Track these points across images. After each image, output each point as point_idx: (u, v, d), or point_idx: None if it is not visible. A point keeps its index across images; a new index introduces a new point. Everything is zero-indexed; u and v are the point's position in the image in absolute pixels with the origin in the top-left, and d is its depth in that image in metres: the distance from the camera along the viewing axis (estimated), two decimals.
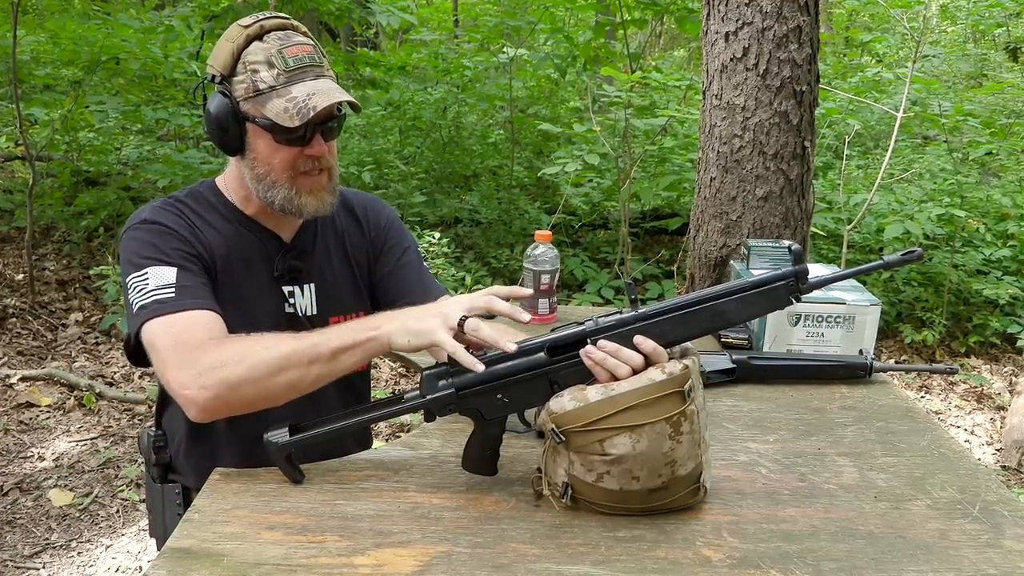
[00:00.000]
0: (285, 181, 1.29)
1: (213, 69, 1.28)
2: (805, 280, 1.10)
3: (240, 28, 1.27)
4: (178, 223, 1.30)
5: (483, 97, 5.83)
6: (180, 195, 1.38)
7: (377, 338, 1.15)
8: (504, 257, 4.92)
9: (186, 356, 1.14)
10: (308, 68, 1.26)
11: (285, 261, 1.39)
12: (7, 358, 3.80)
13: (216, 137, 1.30)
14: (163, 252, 1.25)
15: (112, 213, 5.08)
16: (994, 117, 5.69)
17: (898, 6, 4.84)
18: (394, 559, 1.01)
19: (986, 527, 1.12)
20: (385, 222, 1.53)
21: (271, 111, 1.24)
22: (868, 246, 4.83)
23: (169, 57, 4.59)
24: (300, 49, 1.26)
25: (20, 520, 2.66)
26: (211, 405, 1.14)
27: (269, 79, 1.24)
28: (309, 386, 1.16)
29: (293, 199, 1.30)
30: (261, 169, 1.29)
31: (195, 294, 1.22)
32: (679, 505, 1.12)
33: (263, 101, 1.24)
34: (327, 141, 1.30)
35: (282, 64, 1.24)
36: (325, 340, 1.15)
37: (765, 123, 2.26)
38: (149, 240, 1.26)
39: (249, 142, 1.29)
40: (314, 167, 1.30)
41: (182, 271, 1.24)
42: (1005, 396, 3.95)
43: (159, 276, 1.22)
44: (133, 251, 1.27)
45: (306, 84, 1.24)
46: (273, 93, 1.24)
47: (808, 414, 1.49)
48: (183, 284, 1.22)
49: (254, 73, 1.25)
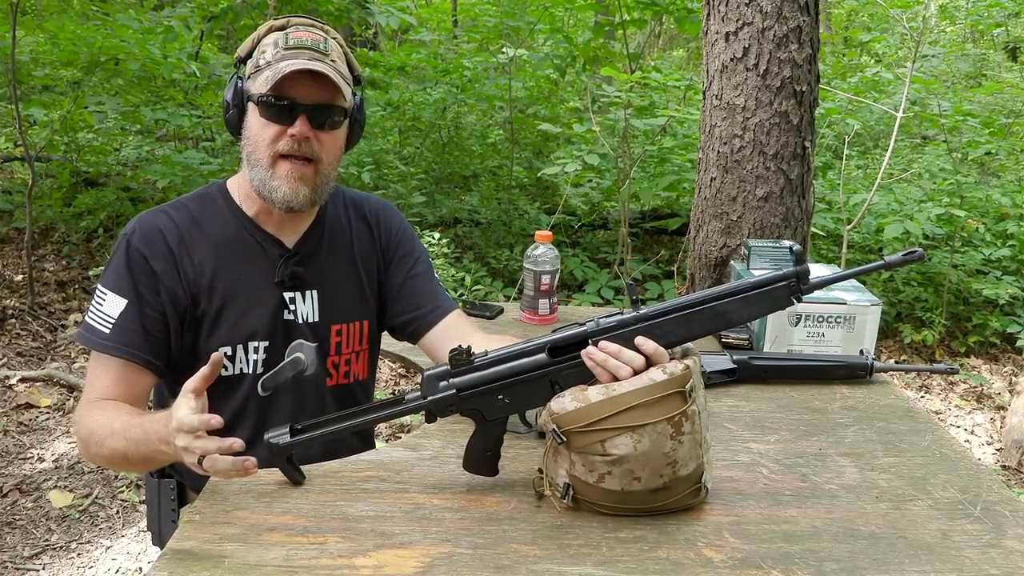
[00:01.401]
0: (266, 161, 1.30)
1: (238, 56, 1.34)
2: (806, 280, 1.10)
3: (270, 22, 1.34)
4: (157, 247, 1.32)
5: (482, 97, 5.82)
6: (187, 198, 1.39)
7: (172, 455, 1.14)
8: (504, 257, 4.92)
9: (80, 409, 1.29)
10: (305, 49, 1.28)
11: (287, 267, 1.38)
12: (6, 359, 3.80)
13: (224, 117, 1.35)
14: (126, 280, 1.31)
15: (111, 214, 5.07)
16: (993, 117, 5.69)
17: (897, 6, 4.85)
18: (395, 560, 1.01)
19: (987, 527, 1.12)
20: (397, 230, 1.52)
21: (257, 83, 1.28)
22: (868, 246, 4.83)
23: (168, 58, 4.58)
24: (306, 35, 1.29)
25: (20, 521, 2.66)
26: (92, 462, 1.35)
27: (268, 56, 1.28)
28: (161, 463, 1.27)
29: (267, 181, 1.30)
30: (250, 147, 1.31)
31: (124, 338, 1.29)
32: (680, 505, 1.12)
33: (256, 76, 1.28)
34: (319, 130, 1.29)
35: (283, 44, 1.28)
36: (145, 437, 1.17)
37: (765, 123, 2.25)
38: (121, 262, 1.32)
39: (246, 121, 1.32)
40: (296, 150, 1.29)
41: (130, 307, 1.30)
42: (1005, 396, 3.95)
43: (111, 304, 1.30)
44: (111, 262, 1.33)
45: (296, 61, 1.25)
46: (267, 68, 1.27)
47: (809, 414, 1.49)
48: (120, 324, 1.29)
49: (261, 54, 1.30)
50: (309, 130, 1.28)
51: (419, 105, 5.82)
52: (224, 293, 1.33)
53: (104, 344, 1.29)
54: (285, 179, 1.29)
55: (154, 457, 1.18)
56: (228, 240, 1.35)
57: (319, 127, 1.29)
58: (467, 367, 1.15)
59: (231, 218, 1.37)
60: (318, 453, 1.29)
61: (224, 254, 1.34)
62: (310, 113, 1.28)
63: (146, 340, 1.30)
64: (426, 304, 1.47)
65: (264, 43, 1.31)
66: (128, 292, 1.30)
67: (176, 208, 1.36)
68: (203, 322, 1.33)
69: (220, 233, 1.35)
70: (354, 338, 1.45)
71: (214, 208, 1.37)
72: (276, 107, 1.26)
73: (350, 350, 1.45)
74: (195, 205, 1.37)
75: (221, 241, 1.35)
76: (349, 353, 1.45)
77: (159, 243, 1.32)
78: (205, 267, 1.33)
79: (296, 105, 1.26)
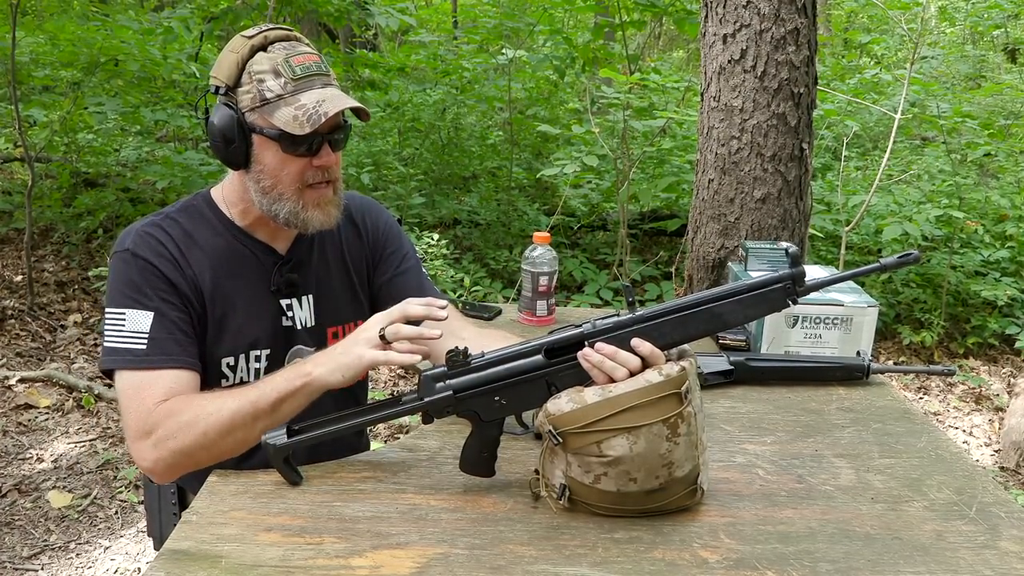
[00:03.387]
0: (292, 194, 1.28)
1: (217, 80, 1.26)
2: (802, 282, 1.11)
3: (244, 39, 1.25)
4: (162, 254, 1.28)
5: (482, 98, 5.83)
6: (173, 211, 1.35)
7: (311, 382, 1.18)
8: (503, 258, 4.92)
9: (142, 426, 1.19)
10: (316, 76, 1.25)
11: (282, 275, 1.38)
12: (6, 359, 3.80)
13: (220, 150, 1.27)
14: (143, 293, 1.25)
15: (111, 214, 5.08)
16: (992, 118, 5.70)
17: (897, 7, 4.85)
18: (392, 560, 1.01)
19: (983, 528, 1.12)
20: (384, 228, 1.52)
21: (279, 120, 1.22)
22: (866, 247, 4.84)
23: (168, 58, 4.58)
24: (307, 58, 1.25)
25: (19, 521, 2.66)
26: (168, 473, 1.21)
27: (276, 88, 1.23)
28: (255, 439, 1.19)
29: (299, 213, 1.29)
30: (268, 182, 1.28)
31: (165, 348, 1.24)
32: (676, 506, 1.12)
33: (270, 110, 1.23)
34: (334, 151, 1.30)
35: (289, 73, 1.23)
36: (264, 395, 1.18)
37: (763, 125, 2.26)
38: (130, 277, 1.26)
39: (255, 154, 1.27)
40: (322, 179, 1.29)
41: (158, 317, 1.25)
42: (1003, 397, 3.95)
43: (135, 321, 1.24)
44: (116, 282, 1.27)
45: (314, 92, 1.23)
46: (281, 102, 1.23)
47: (805, 415, 1.49)
48: (155, 336, 1.24)
49: (260, 83, 1.23)
50: (332, 156, 1.29)
51: (418, 106, 5.83)
52: (224, 304, 1.33)
53: (147, 360, 1.22)
54: (317, 208, 1.29)
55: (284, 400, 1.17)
56: (222, 251, 1.34)
57: (335, 149, 1.30)
58: (464, 368, 1.15)
59: (222, 229, 1.35)
60: (316, 452, 1.29)
61: (219, 265, 1.33)
62: (331, 141, 1.28)
63: (184, 344, 1.26)
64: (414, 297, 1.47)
65: (257, 70, 1.23)
66: (150, 303, 1.25)
67: (166, 221, 1.33)
68: (208, 330, 1.32)
69: (213, 244, 1.33)
70: None
71: (203, 220, 1.35)
72: (303, 142, 1.24)
73: None
74: (184, 218, 1.34)
75: (215, 252, 1.33)
76: None
77: (163, 251, 1.28)
78: (205, 278, 1.31)
79: (318, 136, 1.25)
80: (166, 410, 1.19)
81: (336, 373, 1.18)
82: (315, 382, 1.18)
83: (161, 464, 1.18)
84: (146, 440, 1.18)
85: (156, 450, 1.17)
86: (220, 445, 1.18)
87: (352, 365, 1.17)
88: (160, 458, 1.18)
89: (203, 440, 1.16)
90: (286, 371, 1.20)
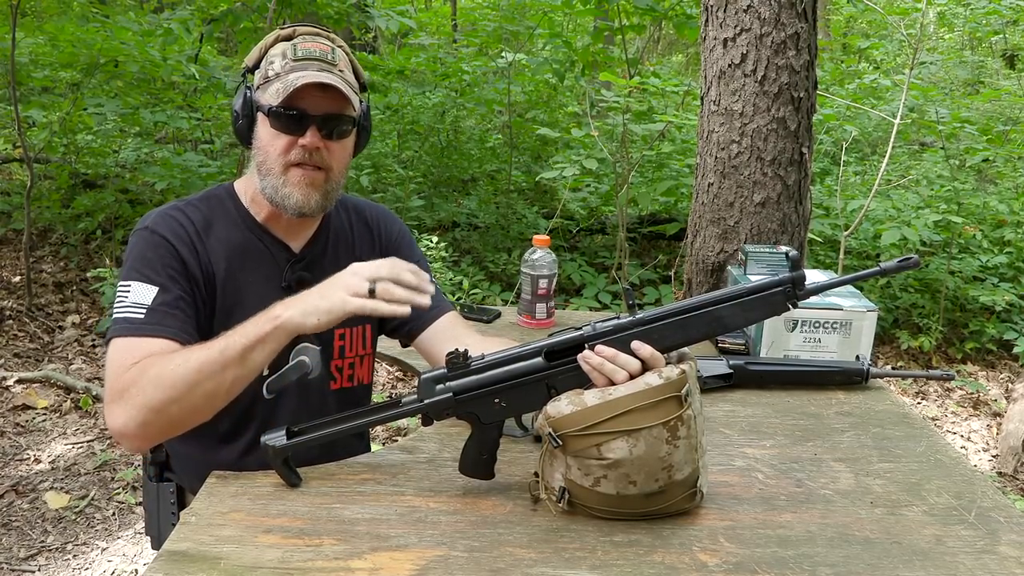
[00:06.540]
0: (278, 169, 1.30)
1: (246, 65, 1.35)
2: (803, 286, 1.11)
3: (277, 31, 1.34)
4: (180, 235, 1.31)
5: (481, 101, 5.83)
6: (195, 199, 1.39)
7: (282, 325, 1.15)
8: (502, 261, 4.92)
9: (115, 386, 1.16)
10: (315, 60, 1.29)
11: (293, 271, 1.39)
12: (3, 360, 3.80)
13: (234, 127, 1.35)
14: (152, 268, 1.27)
15: (110, 215, 5.07)
16: (991, 124, 5.70)
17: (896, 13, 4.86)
18: (391, 563, 1.01)
19: (982, 533, 1.12)
20: (397, 236, 1.54)
21: (268, 94, 1.28)
22: (865, 252, 4.84)
23: (168, 60, 4.58)
24: (315, 45, 1.31)
25: (16, 523, 2.66)
26: (141, 433, 1.16)
27: (277, 68, 1.29)
28: (227, 392, 1.17)
29: (279, 188, 1.31)
30: (260, 156, 1.32)
31: (161, 320, 1.23)
32: (676, 510, 1.12)
33: (266, 87, 1.29)
34: (328, 139, 1.31)
35: (292, 55, 1.29)
36: (232, 343, 1.16)
37: (763, 129, 2.26)
38: (143, 252, 1.28)
39: (256, 130, 1.32)
40: (307, 159, 1.30)
41: (162, 292, 1.25)
42: (1001, 402, 3.95)
43: (139, 294, 1.25)
44: (129, 257, 1.30)
45: (306, 73, 1.26)
46: (277, 79, 1.28)
47: (805, 419, 1.49)
48: (154, 307, 1.23)
49: (269, 65, 1.31)
50: (319, 140, 1.29)
51: (418, 109, 5.83)
52: (235, 295, 1.34)
53: (140, 329, 1.22)
54: (297, 186, 1.30)
55: (254, 346, 1.14)
56: (238, 243, 1.36)
57: (328, 137, 1.30)
58: (464, 370, 1.15)
59: (240, 222, 1.38)
60: (315, 454, 1.29)
61: (234, 257, 1.35)
62: (320, 123, 1.29)
63: (183, 320, 1.26)
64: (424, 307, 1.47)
65: (272, 53, 1.31)
66: (156, 278, 1.26)
67: (188, 207, 1.36)
68: (215, 317, 1.33)
69: (230, 235, 1.36)
70: (356, 342, 1.46)
71: (223, 211, 1.38)
72: (287, 118, 1.27)
73: (353, 354, 1.46)
74: (205, 206, 1.37)
75: (231, 244, 1.35)
76: (353, 357, 1.46)
77: (181, 232, 1.31)
78: (220, 267, 1.33)
79: (306, 116, 1.27)
80: (138, 368, 1.16)
81: (311, 316, 1.14)
82: (286, 324, 1.15)
83: (132, 424, 1.14)
84: (118, 401, 1.16)
85: (126, 408, 1.14)
86: (189, 398, 1.14)
87: (332, 310, 1.14)
88: (131, 416, 1.14)
89: (172, 393, 1.13)
90: (255, 318, 1.18)
